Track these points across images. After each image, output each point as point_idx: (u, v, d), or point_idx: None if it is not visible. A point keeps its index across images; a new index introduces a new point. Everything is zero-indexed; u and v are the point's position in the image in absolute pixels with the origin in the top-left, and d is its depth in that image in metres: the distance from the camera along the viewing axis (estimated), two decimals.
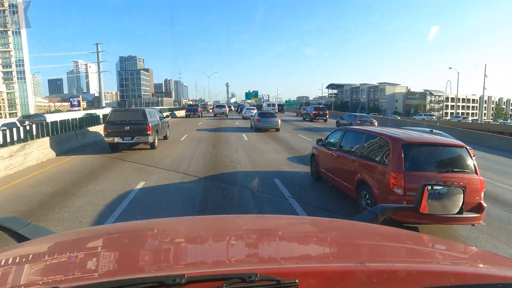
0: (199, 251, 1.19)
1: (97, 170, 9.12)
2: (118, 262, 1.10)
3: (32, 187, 7.32)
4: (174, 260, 1.10)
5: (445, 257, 1.23)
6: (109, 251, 1.24)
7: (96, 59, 55.08)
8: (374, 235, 1.39)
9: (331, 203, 6.43)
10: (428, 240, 1.48)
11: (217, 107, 42.63)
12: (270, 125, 21.70)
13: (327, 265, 0.99)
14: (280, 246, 1.25)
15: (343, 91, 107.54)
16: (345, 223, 1.64)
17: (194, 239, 1.35)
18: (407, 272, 0.90)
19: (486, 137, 19.65)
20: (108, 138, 12.00)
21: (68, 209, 5.85)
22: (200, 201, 6.47)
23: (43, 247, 1.24)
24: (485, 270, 1.05)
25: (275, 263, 1.02)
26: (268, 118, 21.99)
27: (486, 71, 49.72)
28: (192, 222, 1.76)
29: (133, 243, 1.30)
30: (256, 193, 6.98)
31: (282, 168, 9.64)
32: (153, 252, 1.17)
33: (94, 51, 54.81)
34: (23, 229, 1.33)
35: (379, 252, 1.22)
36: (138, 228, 1.55)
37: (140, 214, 5.56)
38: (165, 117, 17.57)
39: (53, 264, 1.06)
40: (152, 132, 12.36)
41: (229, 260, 1.08)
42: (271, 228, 1.56)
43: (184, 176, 8.47)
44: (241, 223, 1.68)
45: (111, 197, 6.52)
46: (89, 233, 1.56)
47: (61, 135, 12.54)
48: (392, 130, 6.19)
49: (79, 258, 1.12)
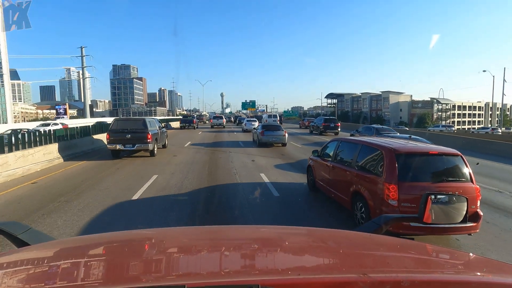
0: (200, 262, 1.17)
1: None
2: (117, 271, 1.08)
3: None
4: (174, 270, 1.09)
5: (449, 266, 1.24)
6: (108, 259, 1.23)
7: (80, 63, 50.85)
8: (377, 246, 1.39)
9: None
10: (432, 249, 1.45)
11: (214, 118, 41.06)
12: (276, 139, 18.78)
13: (329, 276, 0.97)
14: (282, 257, 1.24)
15: (343, 100, 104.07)
16: (347, 233, 1.62)
17: (194, 249, 1.33)
18: (411, 282, 0.88)
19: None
20: (110, 145, 12.94)
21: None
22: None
23: (43, 253, 1.24)
24: (490, 278, 1.04)
25: (276, 274, 1.00)
26: (274, 132, 19.02)
27: (505, 75, 46.42)
28: (193, 232, 1.80)
29: (133, 252, 1.29)
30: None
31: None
32: (153, 262, 1.16)
33: (78, 55, 50.62)
34: (23, 234, 1.35)
35: (383, 263, 1.21)
36: (139, 237, 1.56)
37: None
38: (164, 127, 17.95)
39: (51, 270, 1.06)
40: (152, 140, 13.33)
41: (231, 271, 1.05)
42: (272, 238, 1.57)
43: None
44: (242, 233, 1.70)
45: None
46: (89, 241, 1.54)
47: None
48: (386, 140, 6.14)
49: (78, 265, 1.11)
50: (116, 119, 14.26)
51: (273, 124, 21.38)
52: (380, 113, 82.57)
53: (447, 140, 21.43)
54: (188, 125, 36.58)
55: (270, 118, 40.94)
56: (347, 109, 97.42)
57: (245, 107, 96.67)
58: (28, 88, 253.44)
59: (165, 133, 16.91)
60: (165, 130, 17.51)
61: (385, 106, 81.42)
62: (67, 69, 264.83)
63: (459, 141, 20.70)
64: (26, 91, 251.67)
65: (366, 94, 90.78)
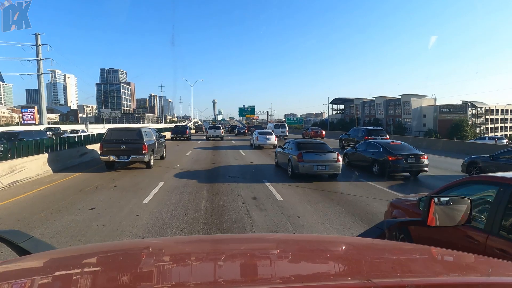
0: (200, 271, 1.17)
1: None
2: (119, 281, 1.08)
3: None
4: (175, 281, 1.09)
5: (455, 268, 1.25)
6: (110, 269, 1.22)
7: (35, 55, 40.21)
8: (380, 251, 1.41)
9: None
10: (437, 252, 1.48)
11: (211, 128, 34.65)
12: (324, 167, 11.02)
13: (333, 283, 0.97)
14: (284, 265, 1.24)
15: (351, 106, 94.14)
16: (350, 239, 1.67)
17: (195, 259, 1.33)
18: (416, 286, 0.88)
19: None
20: (104, 156, 12.51)
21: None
22: None
23: (44, 262, 1.25)
24: (496, 279, 1.04)
25: (279, 283, 0.99)
26: (319, 156, 11.21)
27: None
28: (193, 241, 1.85)
29: (135, 263, 1.30)
30: None
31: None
32: (154, 272, 1.16)
33: (33, 44, 40.01)
34: (24, 243, 1.37)
35: (387, 268, 1.21)
36: (141, 247, 1.57)
37: None
38: (162, 137, 17.05)
39: (53, 279, 1.07)
40: (148, 152, 12.79)
41: (232, 281, 1.05)
42: (275, 246, 1.58)
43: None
44: (244, 242, 1.72)
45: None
46: (91, 250, 1.56)
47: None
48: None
49: (80, 275, 1.12)
50: (110, 129, 13.63)
51: (315, 142, 13.15)
52: (399, 120, 72.31)
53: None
54: (180, 136, 32.47)
55: (277, 128, 34.24)
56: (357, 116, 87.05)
57: (243, 114, 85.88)
58: (9, 90, 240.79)
59: (162, 144, 16.35)
60: (163, 140, 16.89)
61: (405, 112, 70.66)
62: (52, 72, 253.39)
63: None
64: (7, 93, 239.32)
65: (380, 98, 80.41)
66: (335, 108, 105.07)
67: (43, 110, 42.46)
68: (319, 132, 38.73)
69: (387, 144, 12.42)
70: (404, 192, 9.02)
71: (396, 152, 11.49)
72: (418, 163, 11.48)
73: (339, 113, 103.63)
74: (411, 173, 11.91)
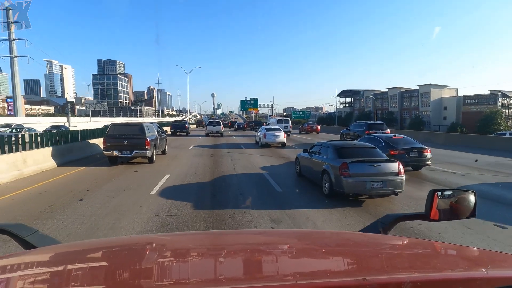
0: (198, 269, 1.18)
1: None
2: (124, 276, 1.08)
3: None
4: (179, 276, 1.10)
5: (455, 262, 1.24)
6: (115, 264, 1.23)
7: (7, 33, 34.68)
8: (381, 246, 1.40)
9: None
10: (439, 246, 1.46)
11: (210, 124, 34.70)
12: (381, 184, 7.14)
13: (329, 280, 0.97)
14: (281, 262, 1.24)
15: (361, 98, 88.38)
16: (351, 235, 1.65)
17: (194, 256, 1.35)
18: (413, 283, 0.87)
19: None
20: (107, 151, 12.66)
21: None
22: None
23: (50, 256, 1.27)
24: (497, 273, 1.03)
25: (275, 280, 1.01)
26: (375, 167, 7.32)
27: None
28: (194, 237, 1.84)
29: (139, 258, 1.30)
30: None
31: None
32: (158, 268, 1.15)
33: (4, 21, 34.47)
34: (30, 237, 1.37)
35: (385, 264, 1.21)
36: (146, 242, 1.56)
37: None
38: (163, 132, 17.60)
39: (58, 273, 1.08)
40: (150, 147, 12.95)
41: (230, 277, 1.07)
42: (272, 243, 1.57)
43: None
44: (241, 238, 1.72)
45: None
46: (96, 245, 1.56)
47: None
48: None
49: (84, 269, 1.14)
50: (113, 124, 13.71)
51: (362, 147, 8.88)
52: (416, 113, 66.52)
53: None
54: (179, 131, 35.11)
55: (280, 123, 33.22)
56: (367, 109, 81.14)
57: (245, 107, 79.89)
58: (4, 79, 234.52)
59: (164, 139, 16.54)
60: (165, 135, 17.16)
61: (423, 104, 64.52)
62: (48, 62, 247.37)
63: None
64: (2, 82, 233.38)
65: (395, 89, 74.21)
66: (343, 101, 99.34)
67: (17, 100, 37.08)
68: (314, 127, 39.33)
69: (389, 138, 12.02)
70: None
71: (398, 146, 11.18)
72: (421, 157, 11.15)
73: (347, 106, 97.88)
74: (414, 168, 11.60)
